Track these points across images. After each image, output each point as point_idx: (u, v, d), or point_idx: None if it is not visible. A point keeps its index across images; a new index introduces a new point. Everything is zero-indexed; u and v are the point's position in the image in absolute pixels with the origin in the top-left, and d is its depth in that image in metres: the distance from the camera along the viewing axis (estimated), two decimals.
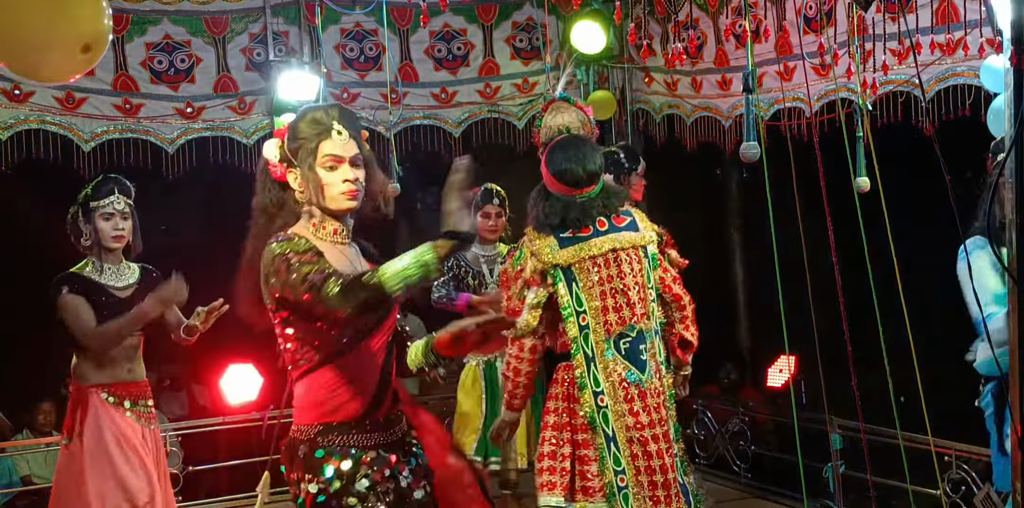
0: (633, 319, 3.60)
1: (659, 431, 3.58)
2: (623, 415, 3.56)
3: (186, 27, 5.88)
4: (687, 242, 8.65)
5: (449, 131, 6.47)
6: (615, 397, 3.57)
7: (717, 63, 5.92)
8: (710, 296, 8.90)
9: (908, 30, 4.44)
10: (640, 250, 3.67)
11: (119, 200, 4.02)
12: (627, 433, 3.56)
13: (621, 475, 3.55)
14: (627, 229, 3.67)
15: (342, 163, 2.59)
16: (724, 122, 5.99)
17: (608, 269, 3.60)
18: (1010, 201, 2.50)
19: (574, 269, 3.61)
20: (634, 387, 3.57)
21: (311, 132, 2.60)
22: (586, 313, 3.60)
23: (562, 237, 3.62)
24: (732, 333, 8.55)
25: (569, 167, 3.57)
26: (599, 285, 3.59)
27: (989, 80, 3.83)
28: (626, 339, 3.60)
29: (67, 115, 5.64)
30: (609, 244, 3.62)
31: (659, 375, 3.65)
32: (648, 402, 3.58)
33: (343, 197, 2.60)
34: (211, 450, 6.33)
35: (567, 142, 3.64)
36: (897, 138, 4.93)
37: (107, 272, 4.05)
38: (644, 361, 3.61)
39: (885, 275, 3.89)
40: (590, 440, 3.61)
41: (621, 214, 3.69)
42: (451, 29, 6.44)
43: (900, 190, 4.36)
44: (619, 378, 3.58)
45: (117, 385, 4.02)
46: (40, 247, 4.93)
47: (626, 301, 3.59)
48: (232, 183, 6.42)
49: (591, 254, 3.59)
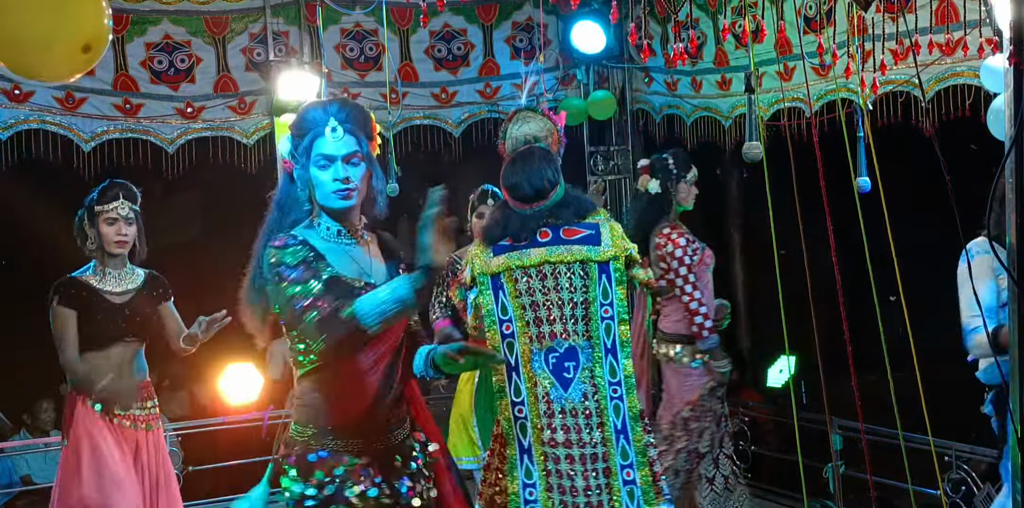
0: (563, 335, 3.49)
1: (580, 452, 3.46)
2: (542, 429, 3.48)
3: (186, 27, 5.88)
4: None
5: (449, 131, 6.47)
6: (535, 409, 3.49)
7: (717, 63, 5.92)
8: None
9: (908, 30, 4.44)
10: (590, 265, 3.52)
11: (123, 205, 4.01)
12: (543, 447, 3.48)
13: (531, 488, 3.47)
14: (578, 243, 3.53)
15: (333, 162, 2.57)
16: (724, 122, 5.99)
17: (540, 281, 3.51)
18: (1010, 201, 2.50)
19: (503, 278, 3.53)
20: (556, 403, 3.49)
21: (306, 130, 2.58)
22: (511, 322, 3.53)
23: (500, 245, 3.57)
24: (732, 333, 8.54)
25: (516, 182, 3.52)
26: (528, 295, 3.51)
27: (989, 80, 3.83)
28: (554, 354, 3.51)
29: (67, 115, 5.64)
30: (542, 256, 3.51)
31: (595, 397, 3.50)
32: (567, 422, 3.47)
33: (334, 196, 2.58)
34: (211, 450, 6.33)
35: (520, 155, 3.58)
36: (897, 138, 4.94)
37: (108, 277, 4.04)
38: (569, 379, 3.49)
39: (885, 275, 3.89)
40: (504, 449, 3.53)
41: (578, 226, 3.56)
42: (451, 29, 6.44)
43: (900, 190, 4.36)
44: (544, 391, 3.49)
45: None
46: (40, 247, 4.94)
47: (559, 316, 3.49)
48: (232, 183, 6.45)
49: (521, 264, 3.51)
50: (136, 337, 4.06)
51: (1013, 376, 2.46)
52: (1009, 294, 2.56)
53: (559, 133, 3.72)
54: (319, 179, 2.57)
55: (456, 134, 6.48)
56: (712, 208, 8.81)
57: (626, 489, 3.49)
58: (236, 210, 7.52)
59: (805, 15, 5.16)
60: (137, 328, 4.04)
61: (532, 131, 3.64)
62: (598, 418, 3.48)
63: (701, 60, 6.00)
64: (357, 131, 2.61)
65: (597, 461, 3.47)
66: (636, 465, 3.51)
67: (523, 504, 3.48)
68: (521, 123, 3.68)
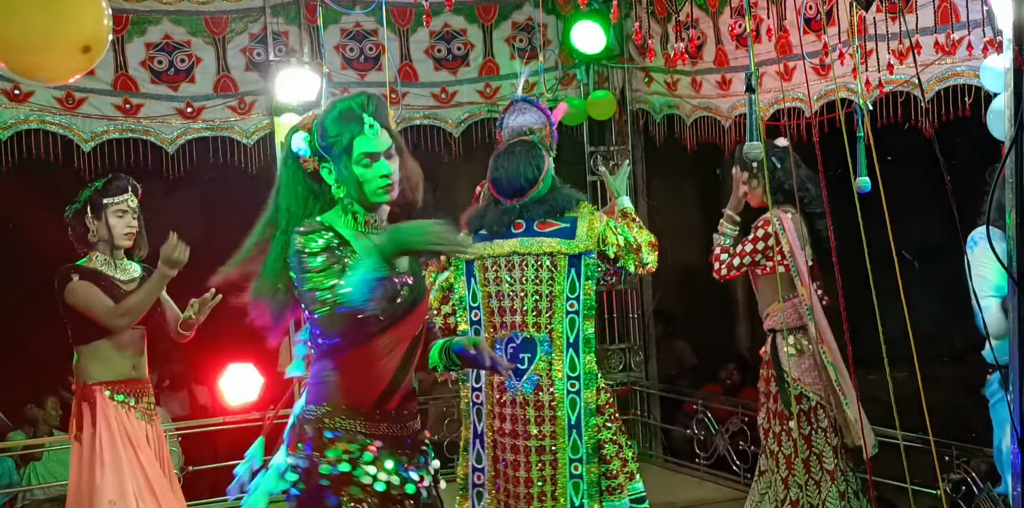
0: (522, 326, 3.55)
1: (525, 444, 3.50)
2: (492, 417, 3.54)
3: (186, 27, 5.88)
4: (687, 242, 8.65)
5: (449, 131, 6.47)
6: (490, 397, 3.56)
7: (717, 63, 5.92)
8: (710, 297, 8.92)
9: (908, 30, 4.44)
10: (560, 258, 3.56)
11: (132, 198, 4.05)
12: (492, 434, 3.54)
13: (479, 473, 3.54)
14: (551, 235, 3.59)
15: (377, 159, 2.59)
16: (724, 122, 5.99)
17: (506, 272, 3.57)
18: (1010, 201, 2.50)
19: (475, 265, 3.63)
20: (508, 392, 3.54)
21: (343, 128, 2.58)
22: (479, 309, 3.61)
23: (479, 234, 3.65)
24: (732, 333, 8.56)
25: (497, 177, 3.62)
26: (495, 284, 3.59)
27: (989, 80, 3.83)
28: (511, 344, 3.57)
29: (67, 115, 5.64)
30: (512, 247, 3.59)
31: (549, 390, 3.53)
32: (516, 412, 3.51)
33: (382, 192, 2.60)
34: (211, 450, 6.33)
35: (507, 150, 3.64)
36: (897, 138, 4.93)
37: (113, 268, 4.06)
38: (522, 370, 3.53)
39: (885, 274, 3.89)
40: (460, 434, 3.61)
41: (554, 219, 3.61)
42: (451, 29, 6.44)
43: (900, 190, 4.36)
44: (499, 380, 3.55)
45: (122, 383, 4.02)
46: (40, 247, 4.94)
47: (520, 307, 3.55)
48: (232, 183, 6.44)
49: (492, 253, 3.59)
50: (142, 324, 4.08)
51: (1013, 376, 2.46)
52: (1009, 294, 2.56)
53: (551, 127, 3.76)
54: (365, 177, 2.58)
55: (456, 134, 6.48)
56: (712, 208, 8.82)
57: (571, 482, 3.53)
58: (236, 210, 7.52)
59: (805, 15, 5.15)
60: (144, 315, 4.05)
61: (527, 123, 3.71)
62: (551, 411, 3.52)
63: (701, 60, 6.00)
64: (388, 124, 2.64)
65: (544, 453, 3.51)
66: (585, 460, 3.53)
67: (471, 487, 3.54)
68: (517, 114, 3.76)
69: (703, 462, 6.36)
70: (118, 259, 4.09)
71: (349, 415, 2.58)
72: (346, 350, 2.58)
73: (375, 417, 2.60)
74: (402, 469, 2.61)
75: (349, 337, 2.54)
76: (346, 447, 2.56)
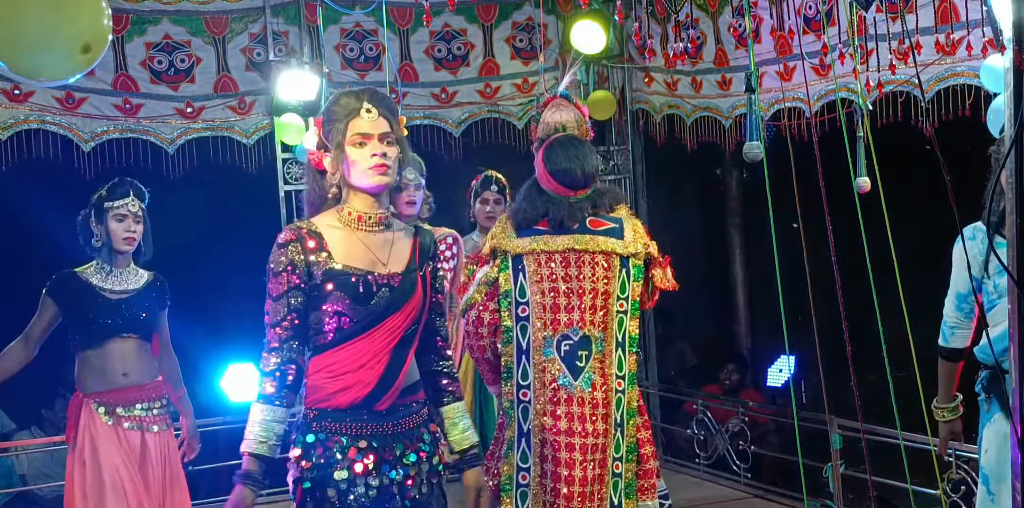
0: (580, 323, 3.48)
1: (582, 442, 3.44)
2: (543, 415, 3.47)
3: (186, 27, 5.88)
4: (687, 242, 8.64)
5: (449, 131, 6.47)
6: (542, 395, 3.48)
7: (717, 63, 5.92)
8: (710, 296, 8.93)
9: (908, 30, 4.44)
10: (614, 258, 3.53)
11: (133, 202, 4.01)
12: (542, 433, 3.46)
13: (524, 472, 3.46)
14: (603, 234, 3.55)
15: (370, 140, 2.62)
16: (724, 122, 5.99)
17: (564, 268, 3.50)
18: (1010, 201, 2.50)
19: (525, 259, 3.52)
20: (563, 391, 3.47)
21: (341, 113, 2.63)
22: (528, 305, 3.50)
23: (529, 228, 3.55)
24: (732, 333, 8.56)
25: (569, 167, 3.50)
26: (549, 280, 3.49)
27: (989, 80, 3.83)
28: (568, 342, 3.49)
29: (67, 115, 5.64)
30: (568, 243, 3.50)
31: (603, 389, 3.49)
32: (573, 410, 3.46)
33: (372, 172, 2.61)
34: (211, 450, 6.32)
35: (567, 141, 3.56)
36: (897, 138, 4.94)
37: (110, 275, 4.03)
38: (580, 368, 3.48)
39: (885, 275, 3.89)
40: (500, 431, 3.54)
41: (604, 218, 3.58)
42: (451, 29, 6.44)
43: (900, 190, 4.36)
44: (551, 378, 3.48)
45: (110, 393, 3.99)
46: (40, 247, 4.94)
47: (578, 304, 3.48)
48: (232, 183, 6.45)
49: (546, 249, 3.50)
50: (134, 333, 4.04)
51: (1013, 376, 2.46)
52: (1009, 294, 2.56)
53: (587, 125, 3.75)
54: (355, 157, 2.62)
55: (456, 134, 6.48)
56: (712, 208, 8.84)
57: (613, 481, 3.51)
58: (236, 210, 7.55)
59: (805, 15, 5.16)
60: (135, 324, 4.03)
61: (564, 119, 3.67)
62: (603, 409, 3.49)
63: (701, 60, 6.00)
64: (389, 116, 2.67)
65: (596, 451, 3.46)
66: (624, 458, 3.52)
67: (515, 487, 3.48)
68: (555, 110, 3.71)
69: (703, 462, 6.36)
70: (121, 267, 4.05)
71: (335, 417, 2.60)
72: (331, 349, 2.61)
73: (361, 418, 2.61)
74: (387, 467, 2.62)
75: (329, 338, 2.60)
76: (325, 450, 2.58)
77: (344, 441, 2.59)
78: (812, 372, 5.88)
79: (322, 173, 2.69)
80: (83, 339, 3.99)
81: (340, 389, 2.60)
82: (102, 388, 3.98)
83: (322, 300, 2.59)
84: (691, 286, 8.99)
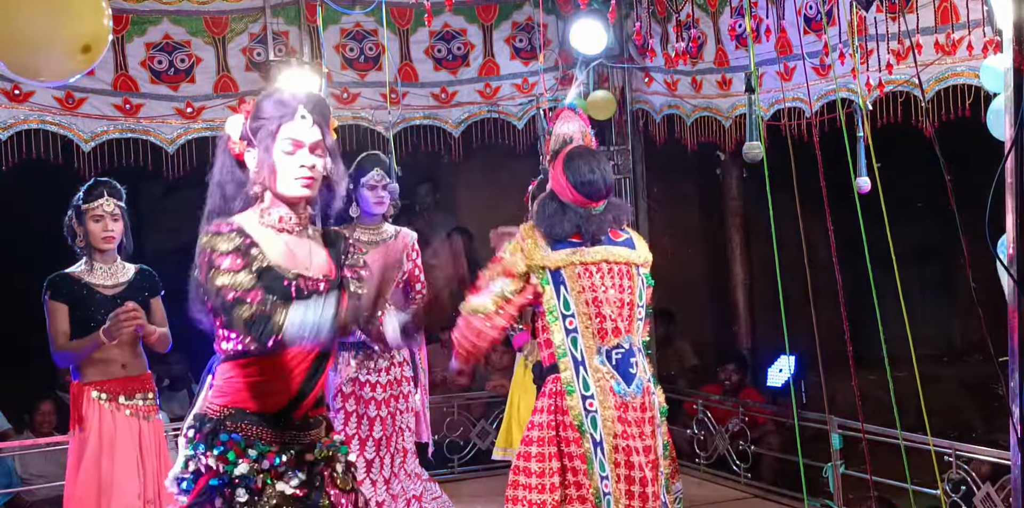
0: (622, 332, 3.57)
1: (640, 445, 3.55)
2: (612, 421, 3.54)
3: (186, 27, 5.88)
4: (687, 242, 8.63)
5: (449, 131, 6.47)
6: (605, 403, 3.54)
7: (717, 63, 5.92)
8: (710, 296, 8.93)
9: (908, 30, 4.44)
10: (633, 268, 3.65)
11: (108, 202, 4.10)
12: (614, 440, 3.53)
13: (605, 481, 3.53)
14: (623, 245, 3.66)
15: (300, 148, 2.54)
16: (724, 122, 5.99)
17: (600, 279, 3.57)
18: (1010, 201, 2.50)
19: (564, 273, 3.56)
20: (620, 398, 3.55)
21: (274, 113, 2.54)
22: (574, 317, 3.56)
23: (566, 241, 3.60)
24: (732, 333, 8.55)
25: (593, 179, 3.56)
26: (591, 291, 3.55)
27: (989, 80, 3.83)
28: (619, 351, 3.57)
29: (67, 115, 5.63)
30: (603, 254, 3.59)
31: (647, 392, 3.61)
32: (631, 416, 3.55)
33: (296, 183, 2.54)
34: None
35: (586, 152, 3.63)
36: (897, 138, 4.94)
37: (97, 272, 4.14)
38: (633, 374, 3.58)
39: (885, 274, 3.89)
40: (579, 446, 3.56)
41: (618, 229, 3.67)
42: (451, 29, 6.44)
43: (900, 189, 4.37)
44: (608, 386, 3.55)
45: (111, 382, 4.10)
46: (40, 247, 4.94)
47: (618, 314, 3.57)
48: None
49: (583, 260, 3.56)
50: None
51: (1013, 376, 2.46)
52: (1009, 294, 2.56)
53: (591, 135, 3.84)
54: (282, 164, 2.53)
55: (456, 134, 6.47)
56: (712, 208, 8.83)
57: (663, 479, 3.65)
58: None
59: (805, 15, 5.16)
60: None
61: (570, 131, 3.76)
62: (651, 412, 3.61)
63: (701, 60, 6.00)
64: (322, 123, 2.59)
65: (651, 453, 3.59)
66: (663, 456, 3.67)
67: (602, 497, 3.54)
68: (564, 122, 3.81)
69: (703, 462, 6.36)
70: (106, 263, 4.15)
71: (253, 421, 2.56)
72: (254, 358, 2.54)
73: (278, 425, 2.58)
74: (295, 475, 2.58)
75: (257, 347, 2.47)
76: (243, 451, 2.54)
77: (262, 445, 2.55)
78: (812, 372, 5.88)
79: (240, 165, 2.60)
80: (82, 332, 4.05)
81: (264, 393, 2.56)
82: (100, 377, 4.10)
83: None
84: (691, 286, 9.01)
